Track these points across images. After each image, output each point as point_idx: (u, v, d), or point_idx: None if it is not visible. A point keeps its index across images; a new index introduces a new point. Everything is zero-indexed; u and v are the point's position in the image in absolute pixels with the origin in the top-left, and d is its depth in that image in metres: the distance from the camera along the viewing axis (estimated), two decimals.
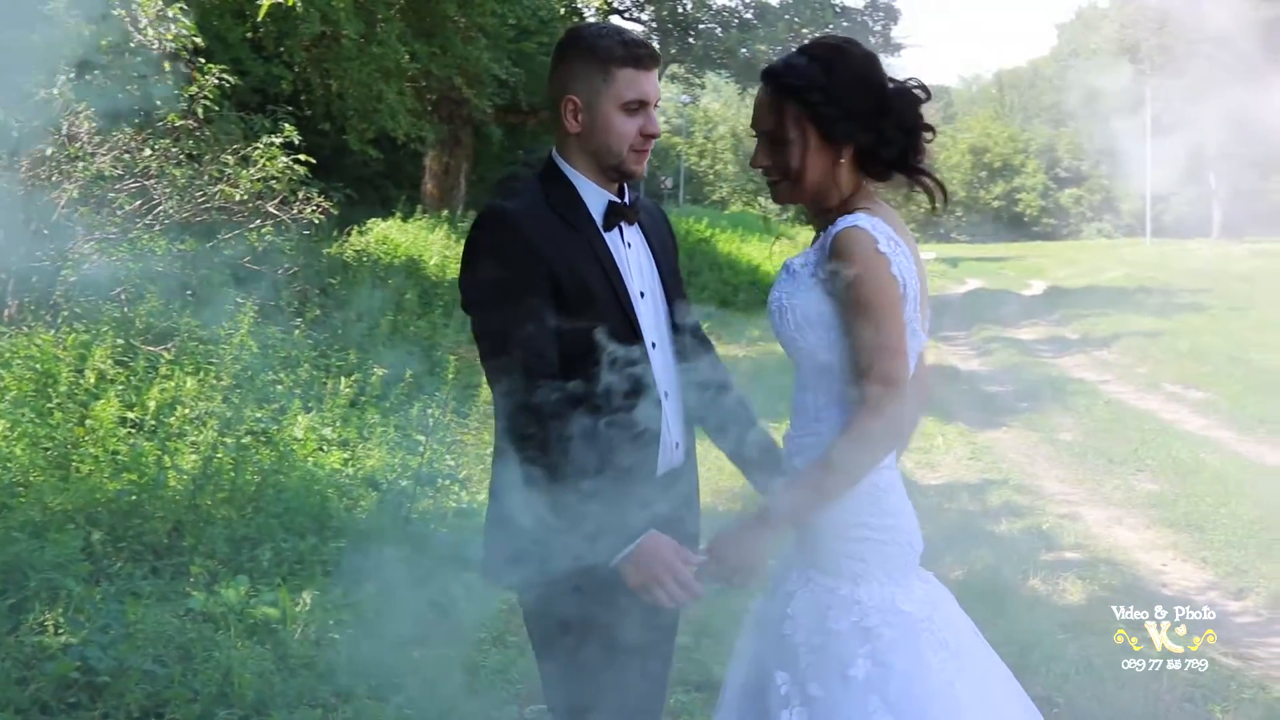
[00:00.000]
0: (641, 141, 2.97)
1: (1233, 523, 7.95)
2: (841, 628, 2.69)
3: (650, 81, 2.97)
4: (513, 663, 5.35)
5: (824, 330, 2.72)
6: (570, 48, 2.98)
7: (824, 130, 2.76)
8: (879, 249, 2.66)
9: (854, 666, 2.65)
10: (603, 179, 3.01)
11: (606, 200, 3.00)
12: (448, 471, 8.01)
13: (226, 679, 4.87)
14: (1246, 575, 6.98)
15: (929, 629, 2.71)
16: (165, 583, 5.78)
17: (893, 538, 2.76)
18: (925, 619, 2.71)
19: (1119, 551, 7.52)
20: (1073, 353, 18.51)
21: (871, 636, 2.67)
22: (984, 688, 2.74)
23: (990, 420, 12.29)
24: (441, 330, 11.83)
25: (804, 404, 2.82)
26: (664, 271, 3.13)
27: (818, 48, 2.83)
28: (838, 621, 2.69)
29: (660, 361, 3.01)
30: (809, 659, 2.70)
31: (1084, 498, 9.05)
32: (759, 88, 2.88)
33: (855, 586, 2.72)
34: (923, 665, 2.65)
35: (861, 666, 2.64)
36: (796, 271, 2.77)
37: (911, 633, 2.68)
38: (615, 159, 2.97)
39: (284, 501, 6.68)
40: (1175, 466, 9.74)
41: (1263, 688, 5.17)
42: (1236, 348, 16.78)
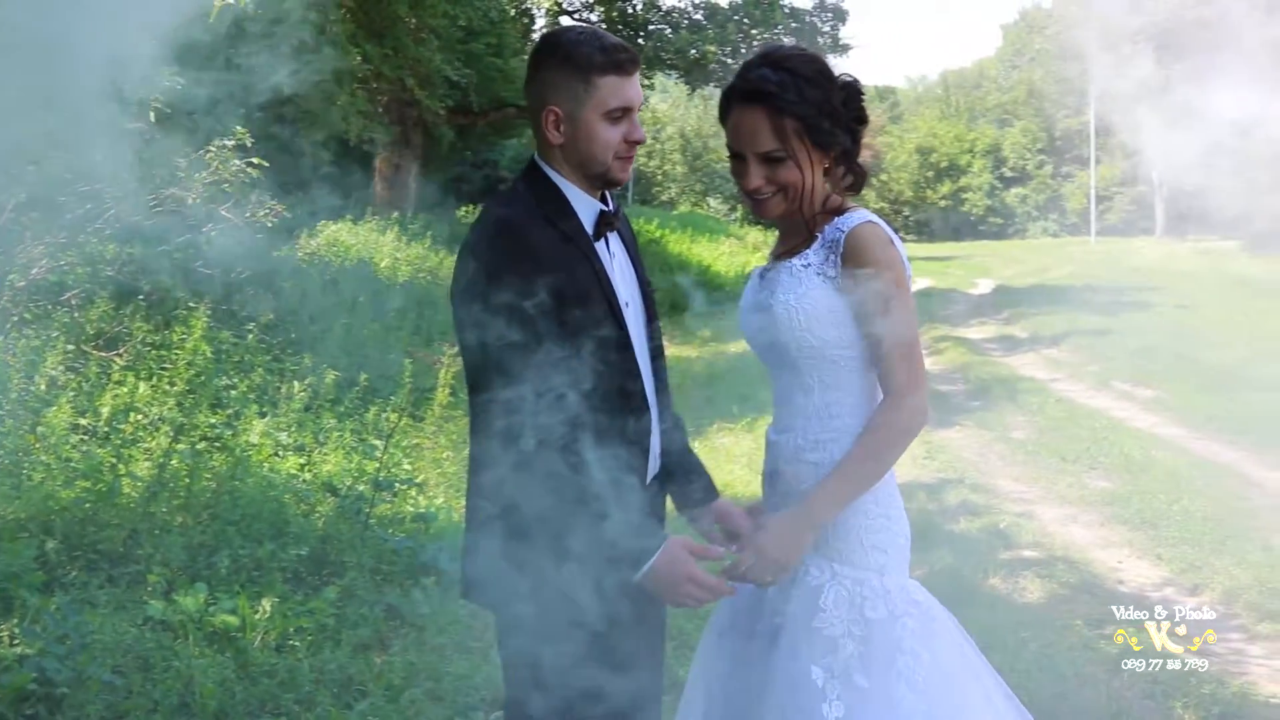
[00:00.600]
0: (626, 149, 2.93)
1: (1185, 520, 8.03)
2: (879, 616, 2.76)
3: (633, 86, 2.92)
4: (476, 668, 5.32)
5: (836, 327, 2.80)
6: (548, 55, 2.92)
7: (817, 140, 2.82)
8: (893, 244, 2.80)
9: (900, 652, 2.73)
10: (588, 187, 2.97)
11: (597, 210, 2.97)
12: (405, 476, 7.97)
13: (187, 688, 4.83)
14: (1200, 571, 7.06)
15: (940, 617, 2.82)
16: (122, 591, 5.71)
17: (902, 529, 2.90)
18: (933, 607, 2.82)
19: (1075, 549, 7.58)
20: (1022, 351, 18.65)
21: (898, 626, 2.75)
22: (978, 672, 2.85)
23: (943, 419, 12.36)
24: (395, 333, 11.77)
25: (808, 404, 2.87)
26: (641, 278, 3.12)
27: (786, 59, 2.85)
28: (875, 610, 2.77)
29: (647, 371, 3.00)
30: (855, 649, 2.75)
31: (1039, 496, 9.12)
32: (742, 110, 2.85)
33: (882, 577, 2.81)
34: (942, 653, 2.75)
35: (899, 657, 2.73)
36: (799, 272, 2.82)
37: (929, 620, 2.78)
38: (601, 168, 2.93)
39: (241, 508, 6.61)
40: (1127, 464, 9.83)
41: (1221, 683, 5.22)
42: (1184, 345, 16.94)
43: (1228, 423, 11.45)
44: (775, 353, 2.90)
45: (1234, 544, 7.41)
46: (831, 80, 2.85)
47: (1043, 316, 22.59)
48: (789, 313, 2.80)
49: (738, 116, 2.86)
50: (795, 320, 2.80)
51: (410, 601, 6.12)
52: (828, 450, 2.82)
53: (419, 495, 7.75)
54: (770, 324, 2.85)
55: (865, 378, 2.84)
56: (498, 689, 5.20)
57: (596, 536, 2.71)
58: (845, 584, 2.80)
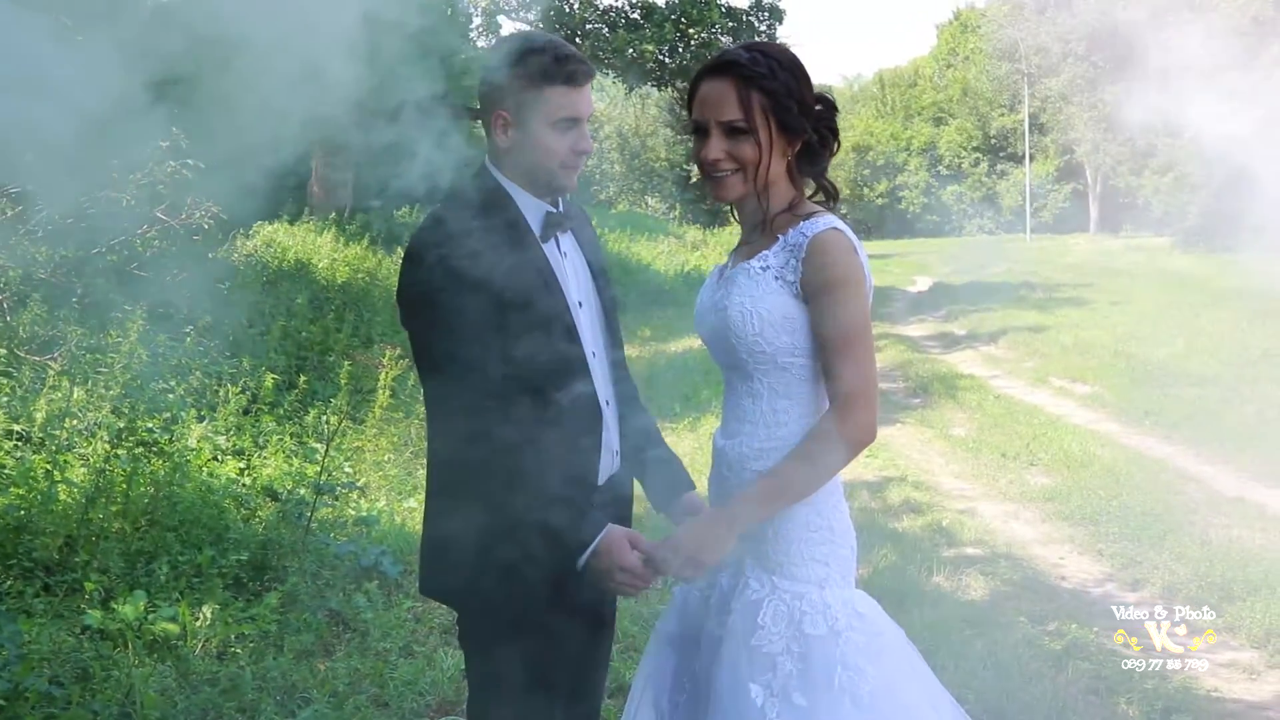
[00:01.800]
0: (573, 158, 2.94)
1: (1125, 515, 8.11)
2: (820, 633, 2.71)
3: (583, 98, 2.93)
4: (421, 673, 5.27)
5: (789, 334, 2.75)
6: (501, 60, 2.91)
7: (783, 121, 2.79)
8: (856, 252, 2.74)
9: (840, 667, 2.67)
10: (536, 191, 2.98)
11: (544, 211, 2.98)
12: (346, 480, 7.89)
13: (128, 698, 4.74)
14: (1141, 567, 7.12)
15: (887, 629, 2.77)
16: (59, 600, 5.61)
17: (846, 540, 2.84)
18: (879, 619, 2.77)
19: (1018, 546, 7.63)
20: (961, 348, 18.79)
21: (841, 641, 2.69)
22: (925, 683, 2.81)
23: (884, 417, 12.31)
24: (334, 335, 11.65)
25: (756, 410, 2.83)
26: (597, 278, 3.10)
27: (766, 47, 2.85)
28: (814, 626, 2.72)
29: (600, 370, 3.00)
30: (794, 667, 2.70)
31: (980, 493, 9.17)
32: (711, 81, 2.83)
33: (823, 590, 2.76)
34: (888, 667, 2.70)
35: (838, 671, 2.67)
36: (757, 275, 2.77)
37: (875, 634, 2.73)
38: (546, 175, 2.94)
39: (179, 514, 6.51)
40: (1067, 460, 9.91)
41: (1163, 677, 5.26)
42: (1119, 341, 17.15)
43: (1164, 418, 11.59)
44: (727, 355, 2.86)
45: (1173, 539, 7.48)
46: (805, 77, 2.84)
47: (980, 314, 22.78)
48: (743, 316, 2.76)
49: (706, 88, 2.84)
50: (749, 324, 2.76)
51: (353, 606, 6.06)
52: (770, 459, 2.78)
53: (360, 499, 7.68)
54: (724, 325, 2.81)
55: (816, 387, 2.80)
56: (444, 694, 5.17)
57: (543, 529, 2.76)
58: (784, 599, 2.76)
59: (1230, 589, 6.48)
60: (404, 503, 8.00)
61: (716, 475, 2.95)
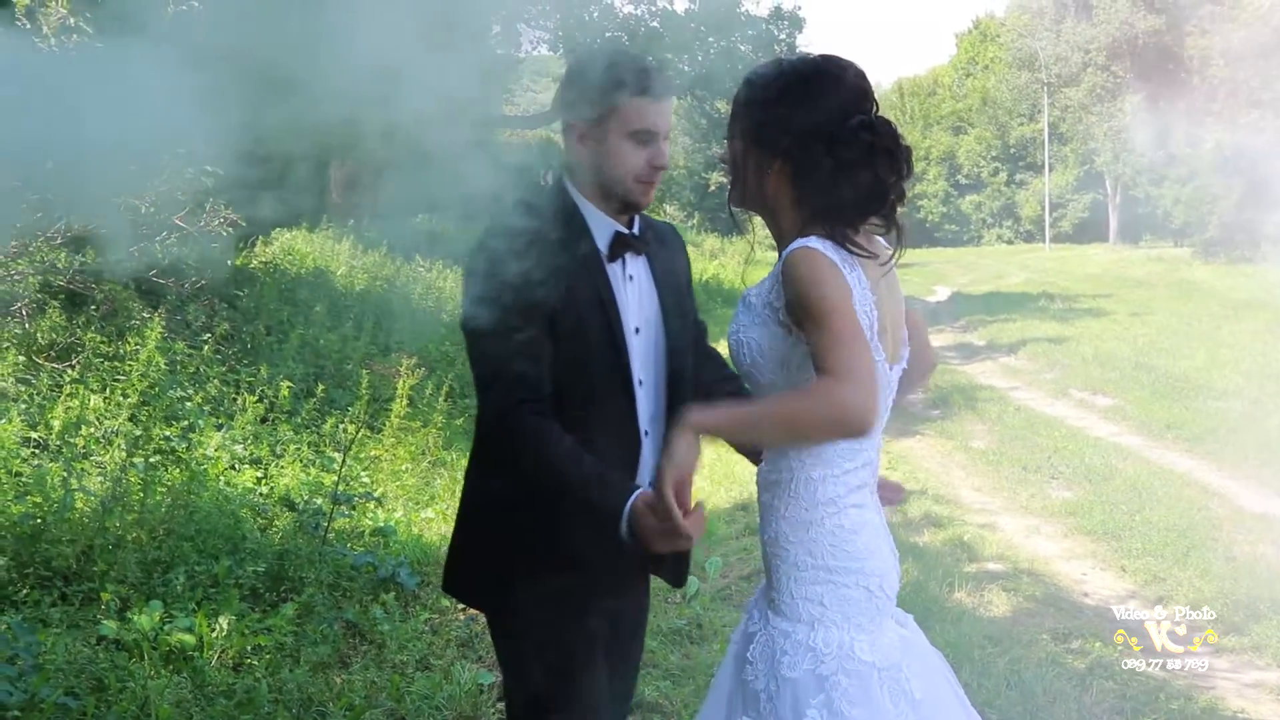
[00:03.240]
0: (649, 172, 2.90)
1: (1148, 530, 8.04)
2: (795, 675, 2.59)
3: (660, 112, 2.89)
4: (438, 687, 5.23)
5: (779, 366, 2.63)
6: (579, 73, 2.91)
7: (757, 138, 2.66)
8: (835, 266, 2.54)
9: (805, 716, 2.55)
10: (609, 207, 2.95)
11: (613, 231, 2.94)
12: (364, 490, 7.86)
13: (143, 710, 4.71)
14: (1165, 583, 7.05)
15: (893, 679, 2.60)
16: (75, 610, 5.58)
17: (857, 581, 2.65)
18: (890, 667, 2.61)
19: (1040, 562, 7.56)
20: (980, 359, 18.69)
21: (827, 685, 2.57)
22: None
23: (904, 429, 12.35)
24: (352, 343, 11.62)
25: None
26: (666, 304, 3.05)
27: (774, 63, 2.73)
28: (792, 669, 2.60)
29: (646, 399, 2.95)
30: (767, 706, 2.61)
31: (1001, 507, 9.11)
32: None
33: (812, 631, 2.62)
34: (880, 717, 2.56)
35: (813, 717, 2.55)
36: (752, 304, 2.66)
37: (869, 682, 2.58)
38: (620, 189, 2.91)
39: (196, 523, 6.48)
40: (1088, 474, 9.84)
41: (1188, 698, 5.20)
42: (1140, 353, 17.05)
43: (1186, 431, 11.51)
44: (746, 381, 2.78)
45: (1197, 555, 7.41)
46: (799, 93, 2.63)
47: (999, 324, 22.70)
48: (739, 346, 2.66)
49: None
50: (744, 353, 2.65)
51: (370, 618, 6.03)
52: (775, 492, 2.68)
53: (378, 509, 7.64)
54: (731, 355, 2.75)
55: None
56: (460, 709, 5.13)
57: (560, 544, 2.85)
58: (772, 636, 2.65)
59: (1257, 607, 6.41)
60: (421, 513, 7.97)
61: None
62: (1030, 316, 23.65)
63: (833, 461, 2.64)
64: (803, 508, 2.64)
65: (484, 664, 5.61)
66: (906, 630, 2.75)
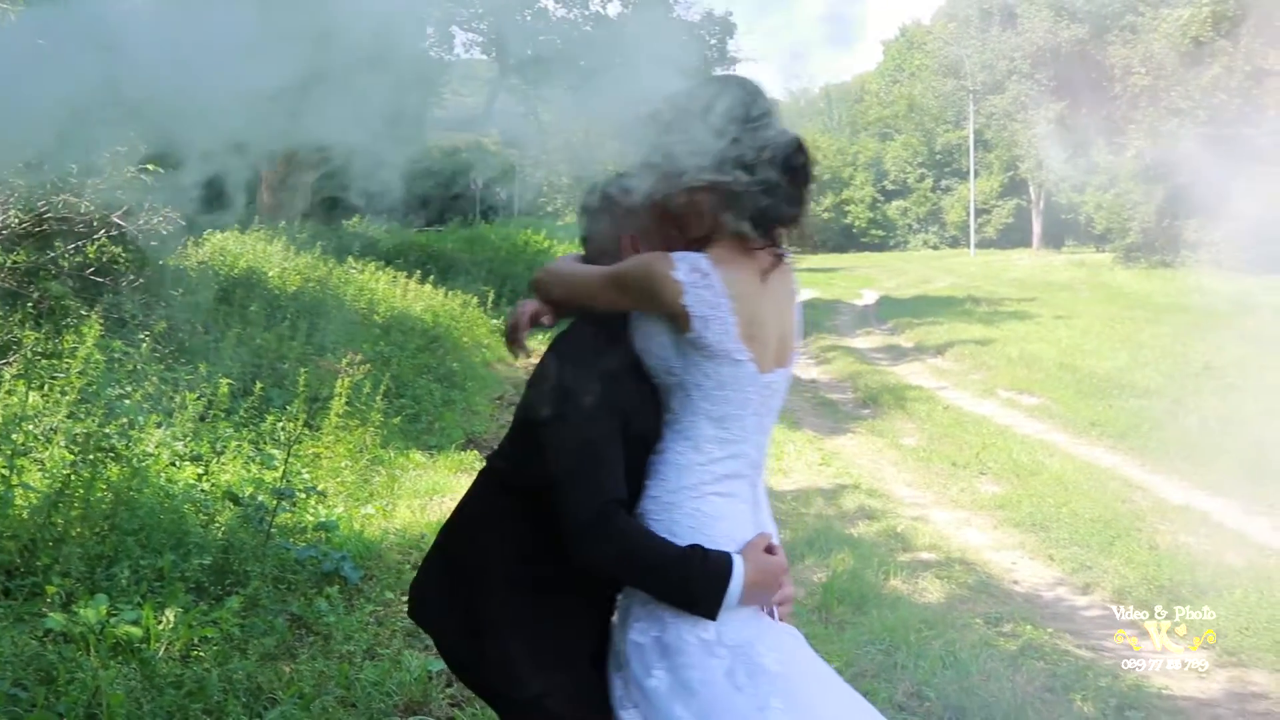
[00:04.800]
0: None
1: (1074, 522, 8.27)
2: (644, 641, 2.71)
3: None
4: (387, 675, 5.30)
5: (659, 363, 2.76)
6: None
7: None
8: (670, 277, 2.67)
9: (652, 676, 2.67)
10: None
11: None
12: (306, 485, 7.90)
13: (94, 700, 4.74)
14: (1091, 571, 7.28)
15: (744, 656, 2.67)
16: (20, 604, 5.58)
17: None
18: (741, 644, 2.68)
19: (971, 551, 7.76)
20: (909, 360, 18.99)
21: (670, 653, 2.67)
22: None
23: (836, 427, 12.55)
24: (288, 343, 11.63)
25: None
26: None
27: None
28: (642, 634, 2.72)
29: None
30: (625, 663, 2.75)
31: (933, 501, 9.31)
32: None
33: (659, 603, 2.72)
34: (721, 690, 2.63)
35: (659, 677, 2.66)
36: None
37: (710, 657, 2.67)
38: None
39: (139, 518, 6.50)
40: (1016, 469, 10.07)
41: (1115, 675, 5.40)
42: (1064, 354, 17.39)
43: (1109, 428, 11.79)
44: None
45: (1121, 544, 7.65)
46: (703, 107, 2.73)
47: (927, 327, 23.02)
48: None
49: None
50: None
51: (315, 610, 6.08)
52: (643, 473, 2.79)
53: (319, 504, 7.69)
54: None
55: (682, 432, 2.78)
56: (410, 694, 5.20)
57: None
58: (630, 604, 2.79)
59: (1178, 592, 6.64)
60: (361, 509, 8.02)
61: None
62: (957, 319, 24.00)
63: (701, 448, 2.73)
64: (668, 489, 2.72)
65: (430, 652, 5.69)
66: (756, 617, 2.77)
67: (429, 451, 10.09)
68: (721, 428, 2.73)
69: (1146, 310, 24.09)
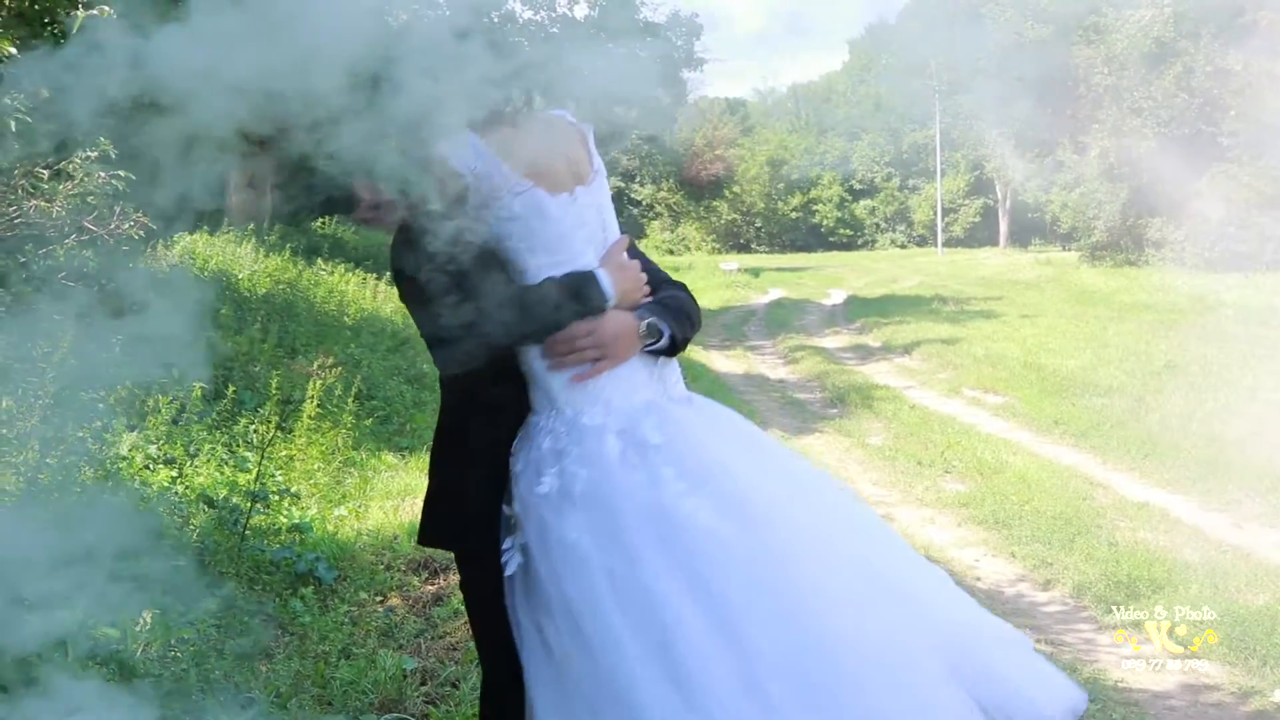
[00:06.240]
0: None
1: (1036, 519, 8.42)
2: (539, 454, 2.99)
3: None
4: (363, 673, 5.39)
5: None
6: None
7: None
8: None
9: (540, 484, 2.93)
10: None
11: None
12: (280, 487, 7.97)
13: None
14: (1052, 567, 7.43)
15: (629, 434, 2.95)
16: None
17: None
18: (628, 427, 2.96)
19: (934, 549, 7.90)
20: (876, 360, 19.15)
21: (562, 458, 2.94)
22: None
23: (803, 426, 12.70)
24: (259, 346, 11.68)
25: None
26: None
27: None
28: (536, 449, 3.00)
29: None
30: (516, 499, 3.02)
31: (898, 499, 9.45)
32: None
33: (549, 414, 3.05)
34: (615, 473, 2.88)
35: (548, 483, 2.91)
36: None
37: (601, 444, 2.93)
38: None
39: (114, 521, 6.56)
40: (980, 467, 10.22)
41: (1073, 669, 5.54)
42: (1029, 353, 17.59)
43: (1072, 426, 11.96)
44: None
45: (1082, 541, 7.80)
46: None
47: (894, 326, 23.20)
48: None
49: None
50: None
51: (290, 611, 6.17)
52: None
53: (293, 506, 7.76)
54: None
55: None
56: (386, 693, 5.30)
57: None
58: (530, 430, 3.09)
59: (1136, 587, 6.81)
60: (334, 510, 8.10)
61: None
62: (924, 318, 24.20)
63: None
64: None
65: (405, 650, 5.79)
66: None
67: (401, 453, 10.17)
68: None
69: (1111, 309, 24.35)
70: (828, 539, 2.84)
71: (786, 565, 2.74)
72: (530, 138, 3.09)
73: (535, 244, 3.02)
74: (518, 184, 2.99)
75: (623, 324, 3.02)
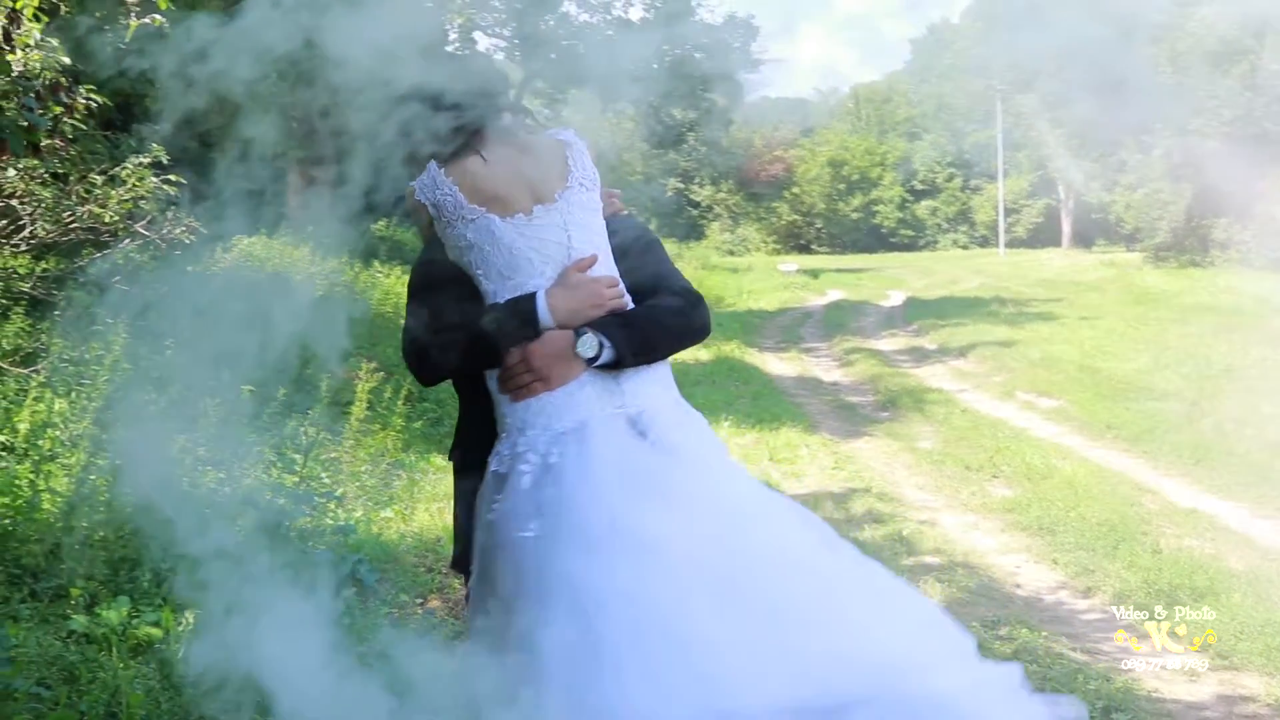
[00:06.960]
0: None
1: (1081, 526, 8.37)
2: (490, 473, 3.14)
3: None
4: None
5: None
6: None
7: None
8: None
9: (490, 511, 3.07)
10: None
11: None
12: (325, 490, 8.06)
13: (114, 698, 4.92)
14: (1094, 575, 7.38)
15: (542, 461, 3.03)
16: (45, 605, 5.77)
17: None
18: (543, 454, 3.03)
19: (975, 555, 7.87)
20: (930, 363, 19.05)
21: (502, 482, 3.08)
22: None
23: (853, 430, 12.67)
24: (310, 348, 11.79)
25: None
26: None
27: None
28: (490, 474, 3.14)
29: None
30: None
31: (942, 504, 9.42)
32: None
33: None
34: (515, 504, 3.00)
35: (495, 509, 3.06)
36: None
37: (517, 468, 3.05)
38: None
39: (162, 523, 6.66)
40: (1028, 473, 10.16)
41: (1107, 679, 5.51)
42: (1085, 356, 17.44)
43: (1125, 431, 11.86)
44: None
45: (1126, 548, 7.74)
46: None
47: (951, 328, 23.06)
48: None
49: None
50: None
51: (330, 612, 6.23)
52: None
53: (338, 509, 7.86)
54: None
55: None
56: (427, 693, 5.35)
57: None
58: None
59: (1176, 595, 6.74)
60: (381, 513, 8.19)
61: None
62: (981, 321, 24.04)
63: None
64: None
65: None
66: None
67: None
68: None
69: (1172, 311, 24.06)
70: (730, 581, 2.80)
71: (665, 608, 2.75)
72: (493, 164, 3.16)
73: (489, 269, 3.11)
74: (470, 211, 3.10)
75: (555, 345, 3.05)
